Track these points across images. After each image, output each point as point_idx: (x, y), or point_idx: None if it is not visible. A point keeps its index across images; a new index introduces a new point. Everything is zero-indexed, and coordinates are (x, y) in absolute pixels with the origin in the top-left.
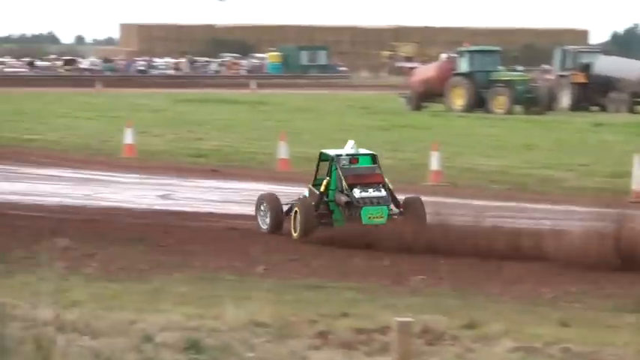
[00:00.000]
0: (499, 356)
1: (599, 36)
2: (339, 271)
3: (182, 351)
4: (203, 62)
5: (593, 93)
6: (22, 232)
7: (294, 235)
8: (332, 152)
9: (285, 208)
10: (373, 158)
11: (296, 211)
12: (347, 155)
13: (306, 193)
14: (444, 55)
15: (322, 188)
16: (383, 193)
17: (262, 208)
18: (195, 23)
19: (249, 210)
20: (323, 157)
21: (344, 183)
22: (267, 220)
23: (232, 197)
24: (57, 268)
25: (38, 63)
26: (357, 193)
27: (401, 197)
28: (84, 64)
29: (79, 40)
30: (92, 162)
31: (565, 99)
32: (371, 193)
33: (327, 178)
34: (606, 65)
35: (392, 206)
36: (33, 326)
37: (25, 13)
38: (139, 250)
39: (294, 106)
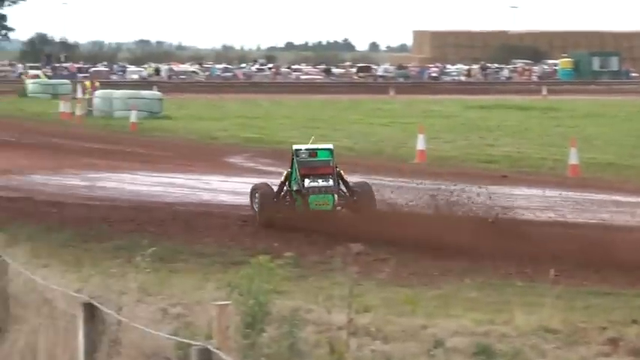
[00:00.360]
0: None
1: None
2: (629, 279)
3: (472, 356)
4: (494, 68)
5: None
6: (316, 237)
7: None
8: (296, 147)
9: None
10: (331, 152)
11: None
12: (307, 149)
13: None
14: None
15: (282, 179)
16: (330, 183)
17: (256, 197)
18: (487, 30)
19: (537, 216)
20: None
21: (297, 173)
22: None
23: (521, 203)
24: (350, 273)
25: (333, 70)
26: (306, 182)
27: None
28: (378, 71)
29: (373, 47)
30: (384, 167)
31: None
32: (319, 182)
33: (289, 169)
34: None
35: None
36: (327, 330)
37: (321, 20)
38: (430, 255)
39: (585, 112)
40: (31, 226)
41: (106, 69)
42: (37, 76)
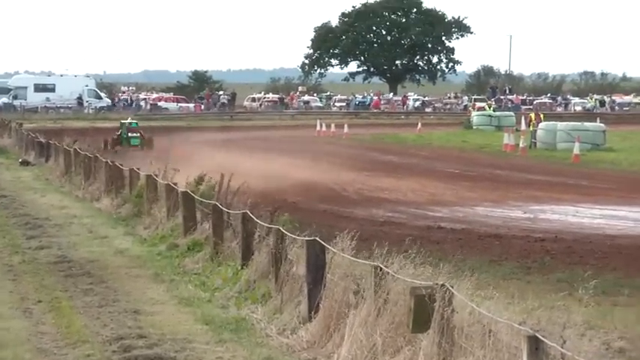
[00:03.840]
0: None
1: None
2: None
3: None
4: None
5: None
6: None
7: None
8: (124, 121)
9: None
10: (137, 124)
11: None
12: (129, 122)
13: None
14: None
15: (118, 133)
16: (137, 135)
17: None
18: None
19: None
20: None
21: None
22: None
23: None
24: None
25: None
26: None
27: None
28: None
29: None
30: None
31: None
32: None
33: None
34: None
35: None
36: None
37: None
38: None
39: None
40: (474, 257)
41: (550, 101)
42: (482, 109)
